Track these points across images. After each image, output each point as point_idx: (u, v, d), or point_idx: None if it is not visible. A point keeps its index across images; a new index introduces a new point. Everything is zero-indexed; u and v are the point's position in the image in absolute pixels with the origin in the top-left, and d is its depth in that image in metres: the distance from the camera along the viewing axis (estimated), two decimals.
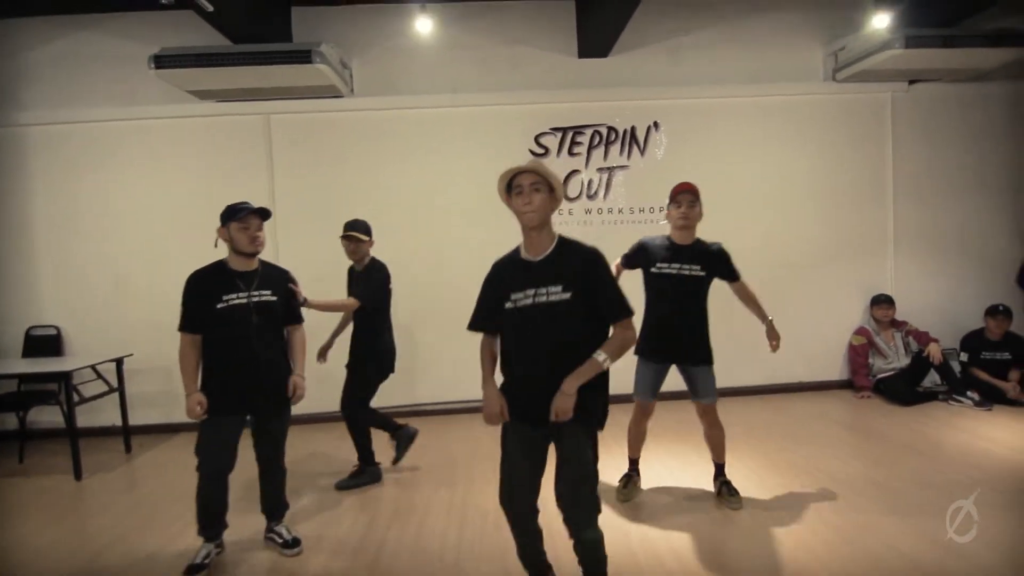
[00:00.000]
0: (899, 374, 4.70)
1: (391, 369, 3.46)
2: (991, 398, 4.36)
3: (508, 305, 1.91)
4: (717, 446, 3.05)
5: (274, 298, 2.56)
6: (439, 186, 4.73)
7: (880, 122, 4.93)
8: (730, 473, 3.10)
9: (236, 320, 2.45)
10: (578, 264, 1.89)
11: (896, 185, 4.97)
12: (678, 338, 2.90)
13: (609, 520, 2.75)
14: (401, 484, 3.43)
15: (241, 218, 2.46)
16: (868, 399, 4.70)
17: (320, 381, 4.66)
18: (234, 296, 2.46)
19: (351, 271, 3.51)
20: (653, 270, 2.91)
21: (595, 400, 1.91)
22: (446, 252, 4.71)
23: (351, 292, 3.40)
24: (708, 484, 3.15)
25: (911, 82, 4.88)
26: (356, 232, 3.33)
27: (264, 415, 2.59)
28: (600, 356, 1.85)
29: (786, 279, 4.92)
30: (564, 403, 1.82)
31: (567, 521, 1.92)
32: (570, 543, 1.96)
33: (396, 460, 3.58)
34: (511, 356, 1.98)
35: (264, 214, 2.55)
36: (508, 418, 1.96)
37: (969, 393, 4.43)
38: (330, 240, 4.66)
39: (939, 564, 2.34)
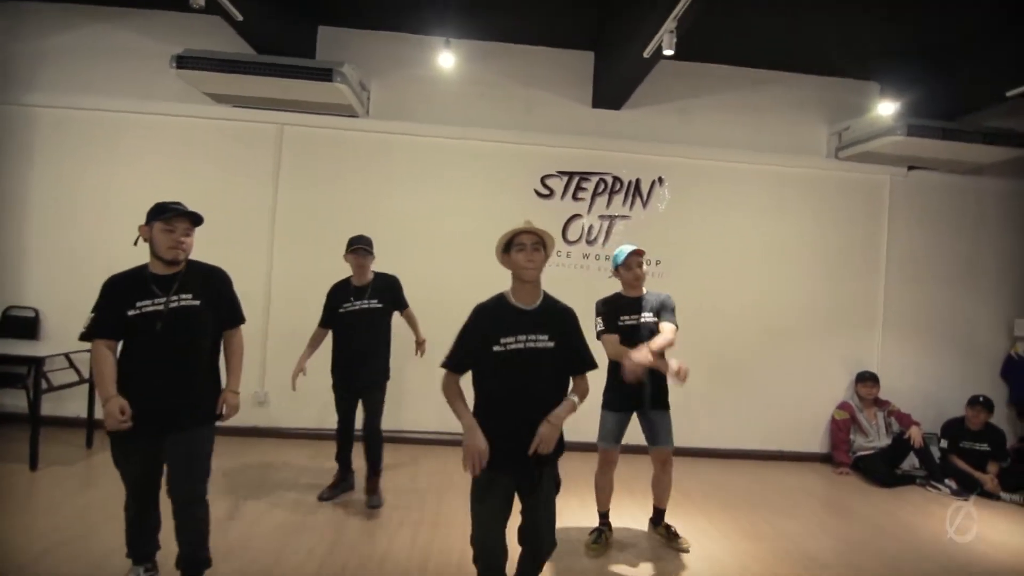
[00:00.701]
0: (879, 454, 4.68)
1: None
2: (968, 487, 4.34)
3: (497, 348, 2.03)
4: (666, 492, 3.17)
5: (196, 302, 2.24)
6: (441, 214, 4.76)
7: (878, 202, 5.05)
8: (699, 531, 3.23)
9: (146, 328, 2.17)
10: (561, 318, 2.13)
11: (888, 264, 5.06)
12: (642, 386, 2.93)
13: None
14: (367, 515, 3.33)
15: (167, 219, 2.19)
16: (846, 475, 4.66)
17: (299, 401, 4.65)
18: (148, 303, 2.19)
19: (342, 288, 3.48)
20: (619, 323, 3.03)
21: (561, 445, 2.12)
22: (440, 280, 4.67)
23: (350, 312, 3.41)
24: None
25: (910, 168, 5.03)
26: (365, 246, 3.39)
27: (171, 433, 2.21)
28: (575, 397, 2.09)
29: (774, 345, 4.95)
30: (551, 433, 1.99)
31: (527, 560, 2.15)
32: None
33: (325, 497, 3.45)
34: (495, 398, 2.08)
35: (196, 220, 2.26)
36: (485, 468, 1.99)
37: (947, 481, 4.41)
38: (325, 255, 4.66)
39: None
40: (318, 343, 3.48)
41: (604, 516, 3.14)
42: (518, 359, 2.02)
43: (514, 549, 2.12)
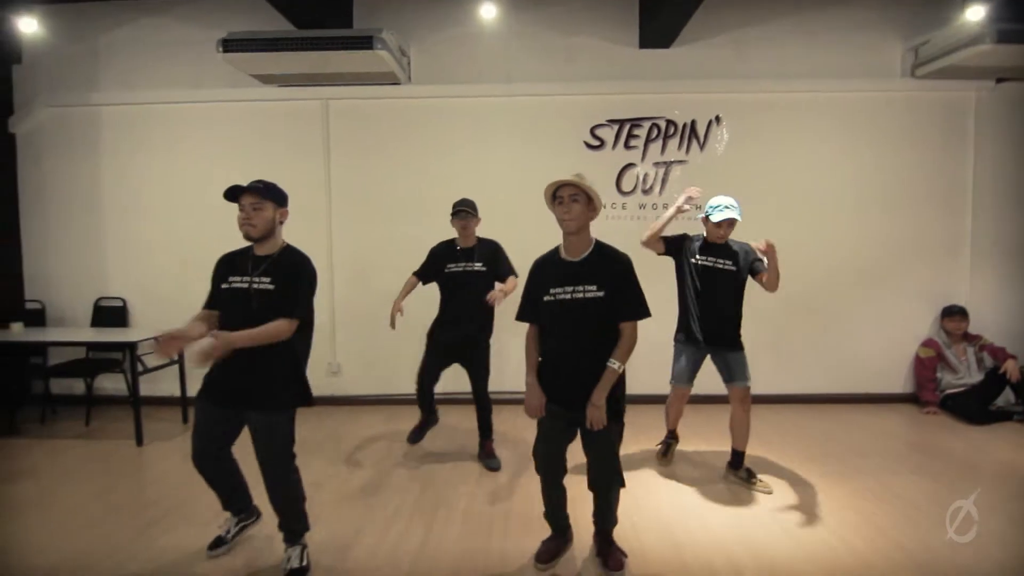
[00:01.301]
0: (970, 391, 4.41)
1: None
2: None
3: (546, 298, 2.18)
4: (745, 432, 3.16)
5: (272, 287, 2.25)
6: (490, 174, 4.69)
7: (962, 121, 4.62)
8: (784, 479, 3.24)
9: (234, 303, 2.26)
10: (611, 266, 2.16)
11: (976, 188, 4.66)
12: (717, 327, 3.11)
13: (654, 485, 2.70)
14: (449, 470, 3.43)
15: (236, 198, 2.27)
16: (934, 415, 4.44)
17: (369, 368, 4.81)
18: (237, 279, 2.29)
19: (447, 248, 3.50)
20: (693, 260, 3.15)
21: (613, 400, 2.19)
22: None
23: (454, 273, 3.45)
24: None
25: (999, 80, 4.55)
26: (469, 209, 3.41)
27: (247, 412, 2.29)
28: (615, 364, 2.13)
29: (852, 285, 4.70)
30: (597, 415, 2.11)
31: (594, 497, 2.34)
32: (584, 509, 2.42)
33: (414, 440, 3.62)
34: (549, 346, 2.26)
35: (265, 192, 2.25)
36: (544, 413, 2.25)
37: None
38: (381, 223, 4.75)
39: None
40: (411, 289, 3.51)
41: (672, 432, 3.42)
42: (565, 308, 2.13)
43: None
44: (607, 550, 2.37)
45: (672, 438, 3.50)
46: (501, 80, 4.65)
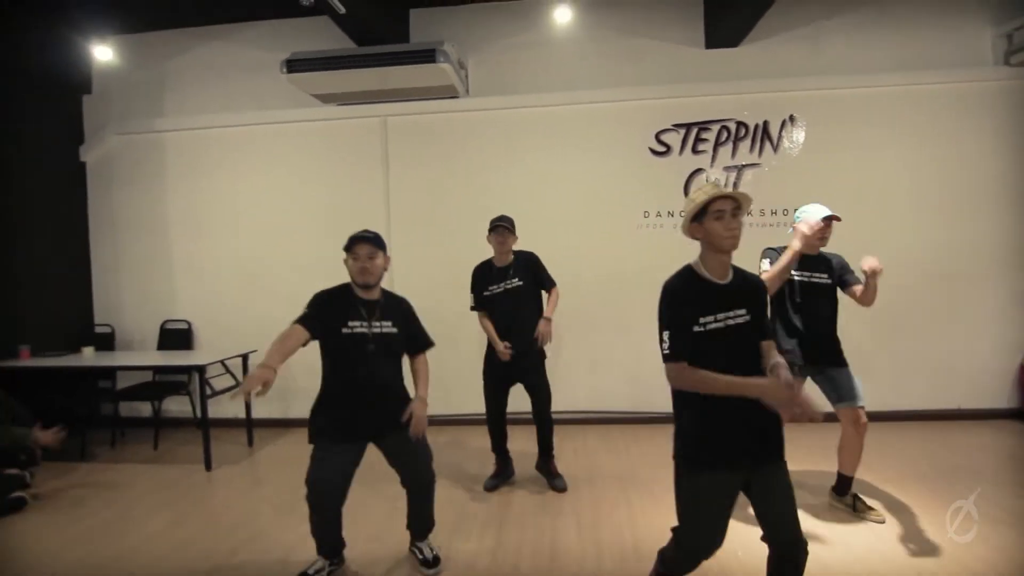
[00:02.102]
0: None
1: None
2: None
3: (697, 329, 1.80)
4: (856, 457, 2.88)
5: (395, 329, 2.46)
6: (551, 185, 4.56)
7: None
8: (898, 508, 2.93)
9: (354, 347, 2.39)
10: (754, 290, 1.92)
11: None
12: (818, 343, 2.86)
13: None
14: (533, 499, 3.26)
15: (350, 248, 2.41)
16: None
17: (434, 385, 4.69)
18: (357, 324, 2.40)
19: (485, 270, 3.41)
20: (793, 277, 2.86)
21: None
22: (556, 252, 4.44)
23: (495, 295, 3.35)
24: None
25: None
26: (506, 224, 3.30)
27: (384, 435, 2.46)
28: (781, 358, 1.86)
29: (945, 291, 4.35)
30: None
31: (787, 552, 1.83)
32: None
33: (490, 487, 3.39)
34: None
35: (377, 241, 2.42)
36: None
37: None
38: (443, 239, 4.66)
39: None
40: (487, 322, 3.39)
41: (845, 479, 2.96)
42: (719, 338, 1.79)
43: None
44: None
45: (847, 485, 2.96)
46: (561, 88, 4.52)
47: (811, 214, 2.79)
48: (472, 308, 3.45)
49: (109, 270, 4.97)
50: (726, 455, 1.78)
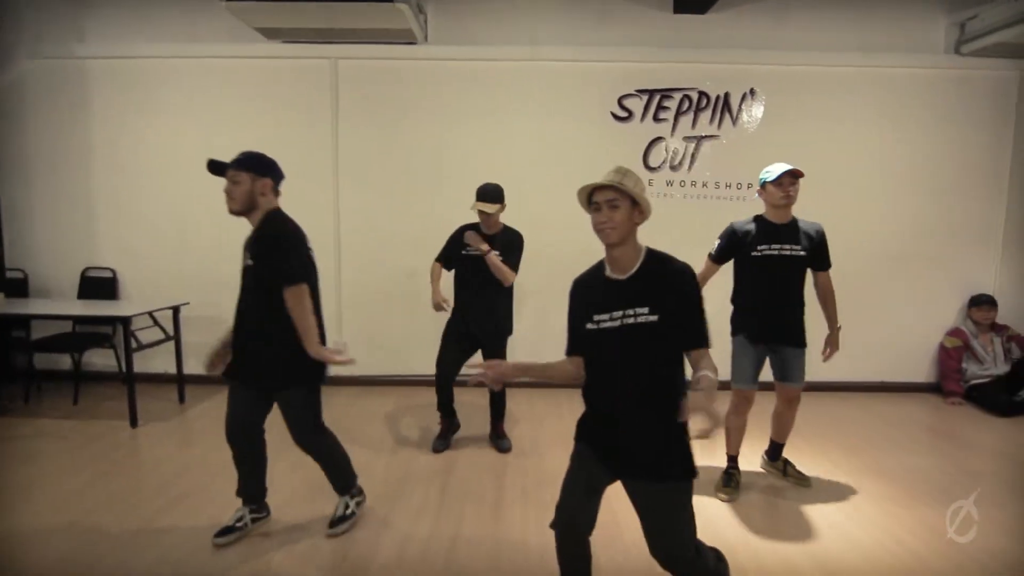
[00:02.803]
0: (996, 382, 4.32)
1: None
2: None
3: (590, 327, 1.67)
4: (788, 428, 2.99)
5: (251, 262, 2.21)
6: (510, 145, 4.42)
7: (1005, 103, 4.43)
8: (823, 471, 3.11)
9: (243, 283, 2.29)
10: (666, 284, 1.63)
11: (1013, 176, 4.50)
12: (781, 320, 2.80)
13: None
14: (475, 457, 3.24)
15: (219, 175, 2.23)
16: (959, 406, 4.35)
17: (377, 347, 4.57)
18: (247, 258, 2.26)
19: (465, 235, 3.23)
20: (755, 253, 2.76)
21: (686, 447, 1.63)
22: (514, 217, 4.42)
23: (470, 256, 3.22)
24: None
25: None
26: (486, 204, 3.11)
27: (262, 390, 2.30)
28: (711, 373, 1.53)
29: (878, 271, 4.55)
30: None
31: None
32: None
33: (439, 448, 3.37)
34: (593, 383, 1.73)
35: (235, 162, 2.19)
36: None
37: None
38: (393, 193, 4.46)
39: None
40: (439, 276, 3.29)
41: (734, 459, 2.93)
42: (613, 339, 1.62)
43: None
44: None
45: (735, 467, 2.92)
46: (525, 43, 4.34)
47: (772, 172, 2.72)
48: (438, 260, 3.31)
49: (22, 208, 4.51)
50: (598, 450, 1.69)
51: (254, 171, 2.19)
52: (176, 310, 4.08)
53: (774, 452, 3.08)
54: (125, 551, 2.31)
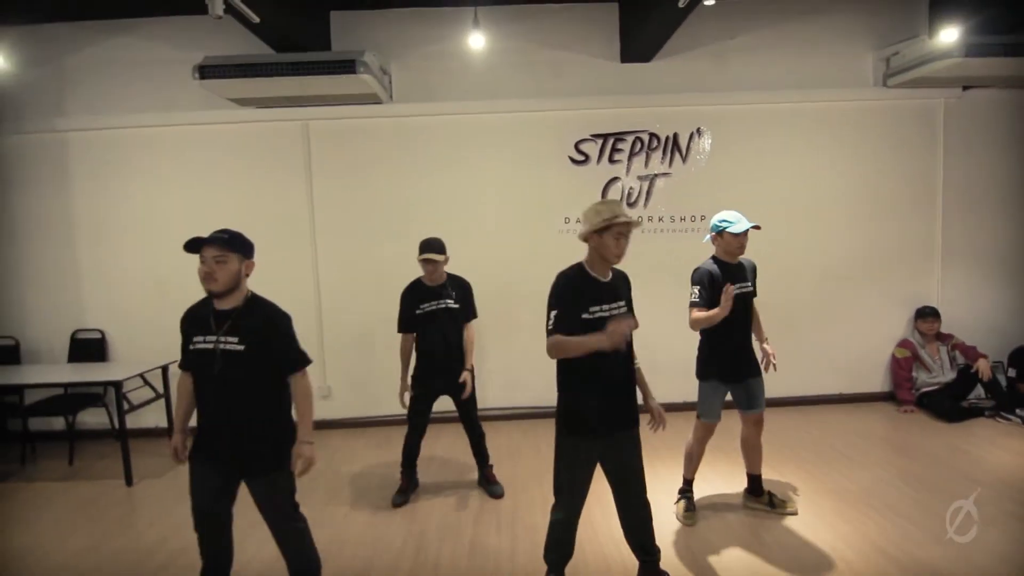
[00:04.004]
0: (944, 389, 4.62)
1: None
2: None
3: (585, 316, 2.20)
4: (759, 455, 3.17)
5: (241, 347, 2.07)
6: (475, 192, 4.69)
7: (931, 129, 4.78)
8: (776, 490, 3.26)
9: (202, 365, 2.12)
10: (626, 285, 2.42)
11: (946, 193, 4.83)
12: (746, 355, 3.05)
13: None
14: (443, 500, 3.45)
15: (196, 252, 2.08)
16: (911, 413, 4.63)
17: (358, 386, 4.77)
18: (200, 339, 2.12)
19: (417, 289, 3.37)
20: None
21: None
22: (480, 260, 4.61)
23: (428, 313, 3.35)
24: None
25: (965, 87, 4.72)
26: (434, 254, 3.25)
27: (249, 477, 2.18)
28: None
29: (829, 291, 4.85)
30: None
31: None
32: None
33: (399, 503, 3.41)
34: (586, 364, 2.20)
35: (222, 241, 2.06)
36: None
37: (1018, 411, 4.34)
38: (369, 246, 4.70)
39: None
40: (409, 351, 3.42)
41: (690, 483, 3.18)
42: (603, 325, 2.14)
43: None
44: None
45: (690, 490, 3.16)
46: (485, 97, 4.63)
47: (727, 220, 2.92)
48: (401, 331, 3.39)
49: (9, 278, 4.69)
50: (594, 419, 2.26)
51: (242, 252, 2.11)
52: (164, 369, 4.27)
53: (755, 487, 3.19)
54: None
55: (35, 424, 4.50)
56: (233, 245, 2.09)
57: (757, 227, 2.96)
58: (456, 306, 3.36)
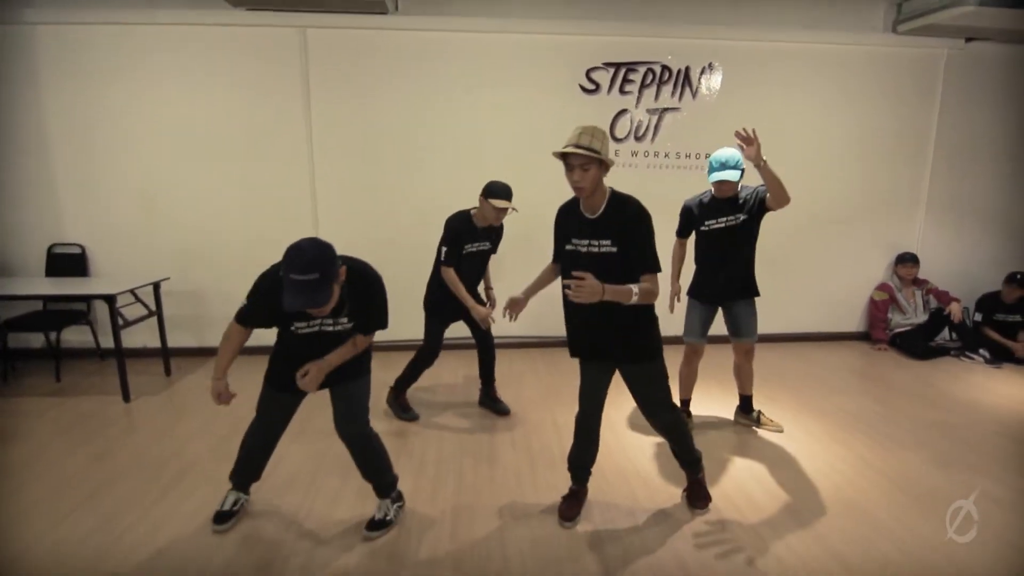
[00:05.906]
0: (916, 329, 4.93)
1: None
2: (1000, 357, 4.63)
3: (568, 247, 2.23)
4: (749, 379, 3.35)
5: (350, 326, 2.30)
6: (481, 117, 4.54)
7: (931, 81, 4.87)
8: (769, 413, 3.54)
9: (302, 346, 2.31)
10: (624, 222, 2.10)
11: (937, 145, 4.99)
12: (727, 280, 3.12)
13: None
14: (458, 425, 3.53)
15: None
16: (884, 351, 4.94)
17: None
18: (303, 324, 2.27)
19: (468, 227, 3.26)
20: (702, 228, 3.11)
21: (651, 337, 2.28)
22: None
23: (470, 253, 3.31)
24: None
25: (968, 39, 4.79)
26: (508, 202, 3.22)
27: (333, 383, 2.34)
28: (634, 288, 2.05)
29: (815, 231, 5.02)
30: (593, 288, 1.95)
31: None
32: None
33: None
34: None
35: (317, 284, 1.92)
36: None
37: (981, 351, 4.69)
38: (367, 169, 4.53)
39: (942, 493, 2.57)
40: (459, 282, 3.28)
41: (685, 403, 3.38)
42: (584, 261, 2.14)
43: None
44: (694, 492, 2.56)
45: (686, 411, 3.40)
46: (496, 15, 4.41)
47: (712, 165, 2.97)
48: (448, 264, 3.24)
49: None
50: (583, 351, 2.36)
51: (335, 277, 1.99)
52: (156, 286, 4.10)
53: (745, 405, 3.43)
54: (142, 526, 2.41)
55: (13, 341, 4.28)
56: (329, 279, 1.95)
57: (726, 181, 2.94)
58: (490, 247, 3.40)
